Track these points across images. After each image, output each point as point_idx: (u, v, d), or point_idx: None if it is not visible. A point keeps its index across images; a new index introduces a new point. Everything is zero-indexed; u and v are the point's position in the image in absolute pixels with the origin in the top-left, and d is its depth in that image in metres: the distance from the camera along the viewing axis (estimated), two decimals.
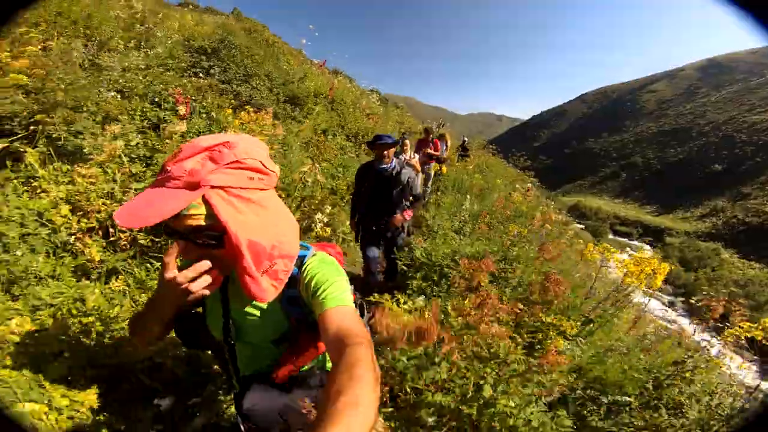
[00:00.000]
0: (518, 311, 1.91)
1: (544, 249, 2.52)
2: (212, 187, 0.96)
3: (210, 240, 1.00)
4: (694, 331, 2.81)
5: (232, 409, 2.25)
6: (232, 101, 5.26)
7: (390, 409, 1.75)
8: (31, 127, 2.99)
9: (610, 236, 54.36)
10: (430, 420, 1.65)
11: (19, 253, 2.31)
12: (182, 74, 5.18)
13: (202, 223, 0.97)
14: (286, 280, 1.13)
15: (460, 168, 10.30)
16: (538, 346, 2.75)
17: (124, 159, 3.32)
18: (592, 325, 3.71)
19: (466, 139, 13.44)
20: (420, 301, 2.80)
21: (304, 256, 1.19)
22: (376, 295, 2.28)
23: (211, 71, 5.77)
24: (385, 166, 3.76)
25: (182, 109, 3.96)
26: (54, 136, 3.09)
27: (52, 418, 1.64)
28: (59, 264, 2.51)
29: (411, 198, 3.90)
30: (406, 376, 1.73)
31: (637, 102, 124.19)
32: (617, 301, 3.54)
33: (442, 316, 1.99)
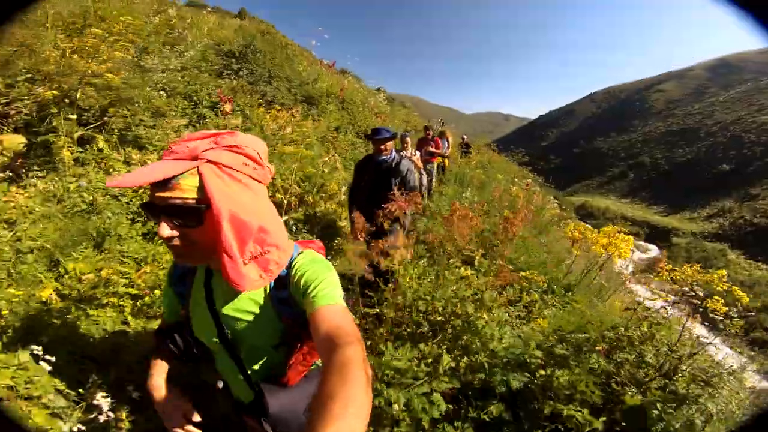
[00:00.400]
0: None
1: (508, 218, 3.10)
2: (208, 161, 0.99)
3: (189, 217, 1.00)
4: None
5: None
6: (260, 100, 5.97)
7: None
8: (105, 118, 3.70)
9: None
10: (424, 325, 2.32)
11: (108, 214, 3.00)
12: (216, 75, 5.89)
13: (192, 196, 0.98)
14: (276, 275, 1.14)
15: (462, 164, 10.89)
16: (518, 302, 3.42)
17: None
18: (570, 293, 4.37)
19: (465, 136, 13.77)
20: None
21: (292, 255, 1.20)
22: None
23: (240, 73, 6.46)
24: (384, 157, 3.85)
25: (227, 107, 4.61)
26: (118, 126, 3.79)
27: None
28: (134, 228, 3.17)
29: (409, 188, 3.77)
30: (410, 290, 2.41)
31: (646, 101, 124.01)
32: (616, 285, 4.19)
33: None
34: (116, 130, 3.78)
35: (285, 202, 4.30)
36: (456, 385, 2.12)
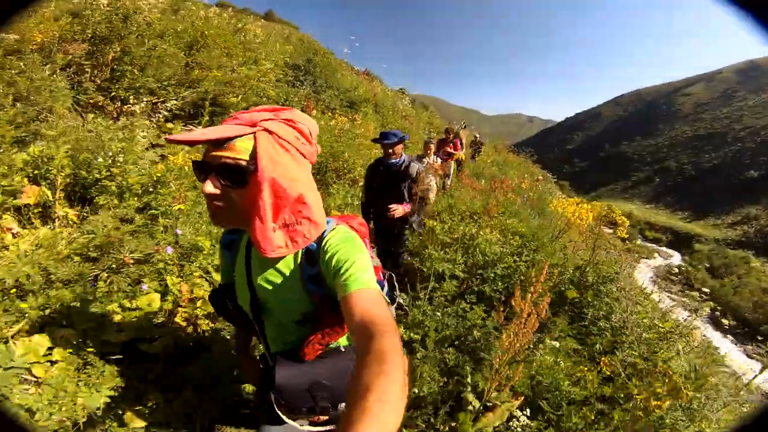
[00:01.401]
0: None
1: (495, 182, 4.90)
2: (264, 129, 1.09)
3: (237, 176, 1.08)
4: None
5: (249, 387, 2.63)
6: (323, 106, 7.93)
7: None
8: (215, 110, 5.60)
9: (639, 242, 54.36)
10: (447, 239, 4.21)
11: None
12: (291, 85, 7.83)
13: (243, 157, 1.07)
14: (301, 248, 1.21)
15: (479, 162, 12.67)
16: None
17: None
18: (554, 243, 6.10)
19: (477, 135, 14.33)
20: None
21: (324, 231, 1.23)
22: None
23: (305, 82, 8.41)
24: (394, 160, 3.93)
25: (313, 111, 6.53)
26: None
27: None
28: None
29: (416, 193, 3.92)
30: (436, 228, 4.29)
31: (673, 105, 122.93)
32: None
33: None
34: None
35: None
36: (464, 276, 3.97)
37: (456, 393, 2.54)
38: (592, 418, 2.50)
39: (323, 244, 1.19)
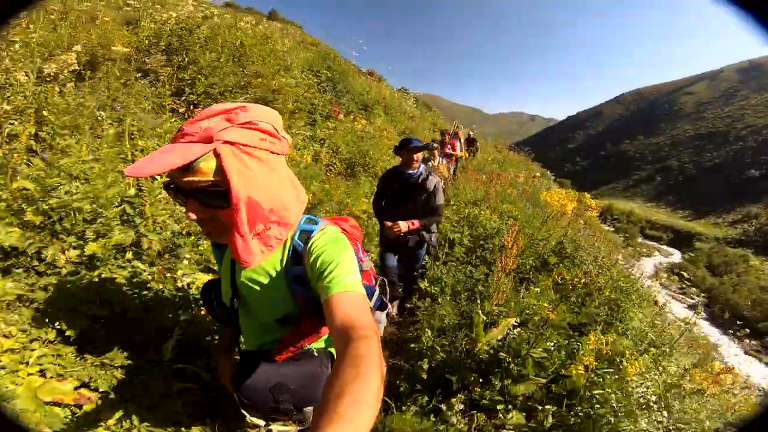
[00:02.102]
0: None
1: (492, 175, 6.06)
2: (224, 142, 1.03)
3: (216, 199, 1.07)
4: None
5: None
6: (343, 110, 9.10)
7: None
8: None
9: (640, 239, 54.75)
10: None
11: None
12: (318, 90, 8.98)
13: (210, 178, 1.04)
14: (276, 248, 1.23)
15: (480, 159, 13.77)
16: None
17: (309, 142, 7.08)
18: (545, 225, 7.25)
19: (471, 133, 15.08)
20: None
21: (311, 231, 1.25)
22: None
23: (327, 88, 9.58)
24: (412, 172, 3.69)
25: (340, 116, 7.68)
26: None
27: None
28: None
29: (432, 208, 3.73)
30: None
31: (675, 104, 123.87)
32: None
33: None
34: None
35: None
36: (470, 245, 5.14)
37: (469, 323, 3.63)
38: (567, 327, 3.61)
39: (309, 245, 1.20)
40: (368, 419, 0.66)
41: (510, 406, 2.54)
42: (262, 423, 1.45)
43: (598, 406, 2.34)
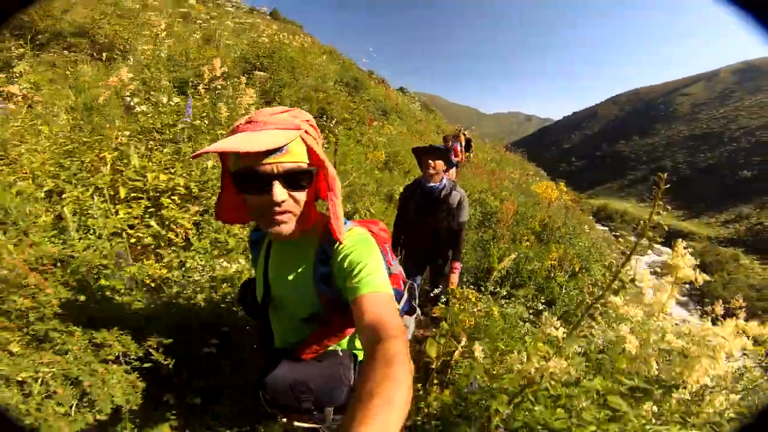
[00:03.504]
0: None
1: (493, 173, 8.18)
2: (306, 131, 1.16)
3: (305, 179, 1.15)
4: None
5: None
6: (369, 115, 11.14)
7: None
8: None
9: (632, 238, 55.45)
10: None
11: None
12: (347, 96, 11.01)
13: (302, 160, 1.13)
14: (336, 220, 1.23)
15: (480, 159, 15.85)
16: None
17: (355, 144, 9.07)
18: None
19: (465, 132, 15.51)
20: None
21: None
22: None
23: (355, 97, 11.62)
24: (434, 185, 3.50)
25: (375, 123, 9.73)
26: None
27: None
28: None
29: (455, 226, 3.54)
30: None
31: (671, 105, 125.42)
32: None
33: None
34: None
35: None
36: (481, 219, 7.26)
37: (486, 266, 5.73)
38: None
39: (337, 244, 1.24)
40: (398, 419, 0.70)
41: (513, 299, 4.62)
42: (284, 422, 1.47)
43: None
